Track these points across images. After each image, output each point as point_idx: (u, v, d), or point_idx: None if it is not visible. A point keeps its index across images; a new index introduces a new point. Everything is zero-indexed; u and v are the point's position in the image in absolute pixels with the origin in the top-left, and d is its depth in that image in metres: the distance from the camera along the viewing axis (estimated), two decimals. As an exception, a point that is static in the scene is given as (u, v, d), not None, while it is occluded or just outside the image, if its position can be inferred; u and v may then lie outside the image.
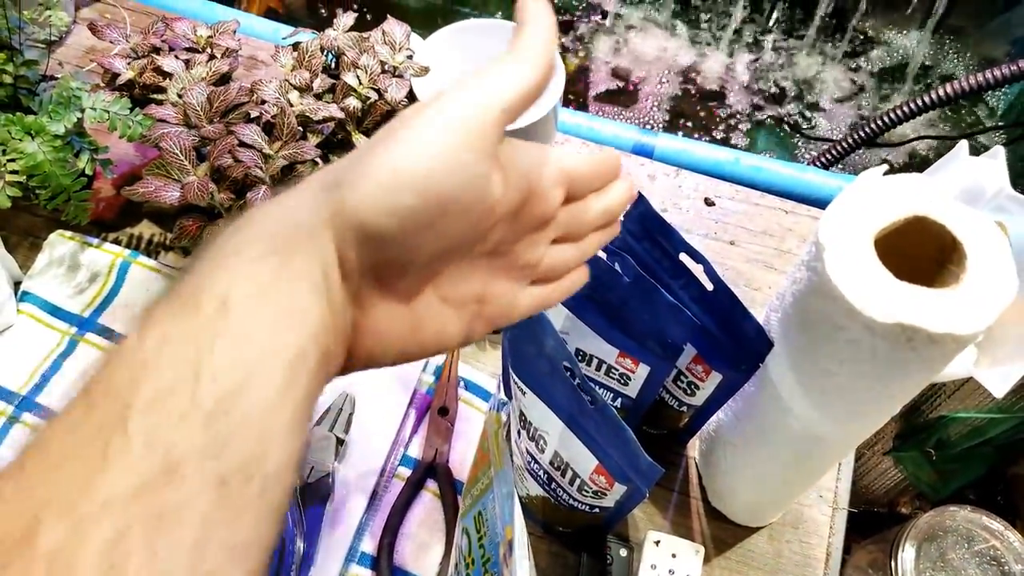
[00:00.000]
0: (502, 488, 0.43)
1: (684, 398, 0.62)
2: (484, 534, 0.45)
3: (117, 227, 0.82)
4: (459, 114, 0.28)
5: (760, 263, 0.81)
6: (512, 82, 0.29)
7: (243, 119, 0.68)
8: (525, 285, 0.35)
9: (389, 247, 0.28)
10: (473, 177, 0.28)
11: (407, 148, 0.27)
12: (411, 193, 0.27)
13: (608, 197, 0.36)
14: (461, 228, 0.29)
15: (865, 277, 0.42)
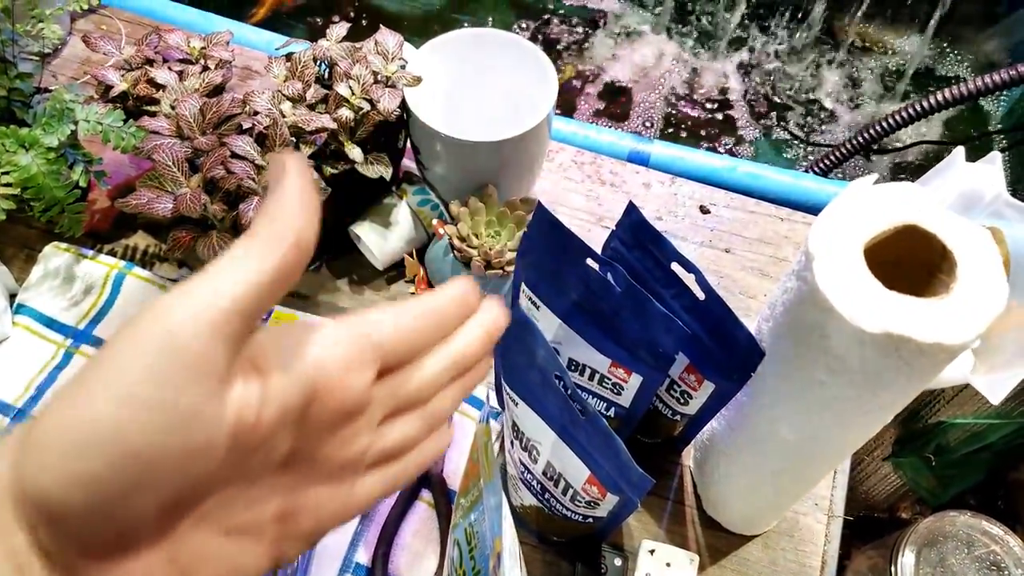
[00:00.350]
0: (491, 500, 0.43)
1: (677, 407, 0.62)
2: (475, 546, 0.45)
3: (112, 238, 0.82)
4: (153, 335, 0.22)
5: (756, 271, 0.81)
6: (237, 278, 0.23)
7: (236, 130, 0.68)
8: (356, 478, 0.29)
9: (90, 521, 0.22)
10: (184, 411, 0.22)
11: (89, 395, 0.22)
12: (96, 457, 0.21)
13: (453, 347, 0.30)
14: (195, 469, 0.23)
15: (854, 287, 0.42)
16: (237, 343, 0.24)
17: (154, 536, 0.24)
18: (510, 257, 0.70)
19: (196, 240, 0.66)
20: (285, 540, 0.28)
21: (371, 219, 0.76)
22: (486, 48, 0.76)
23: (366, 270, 0.80)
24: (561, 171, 0.88)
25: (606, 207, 0.85)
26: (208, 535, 0.26)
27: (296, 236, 0.25)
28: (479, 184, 0.73)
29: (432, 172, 0.76)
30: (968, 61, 1.90)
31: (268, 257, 0.24)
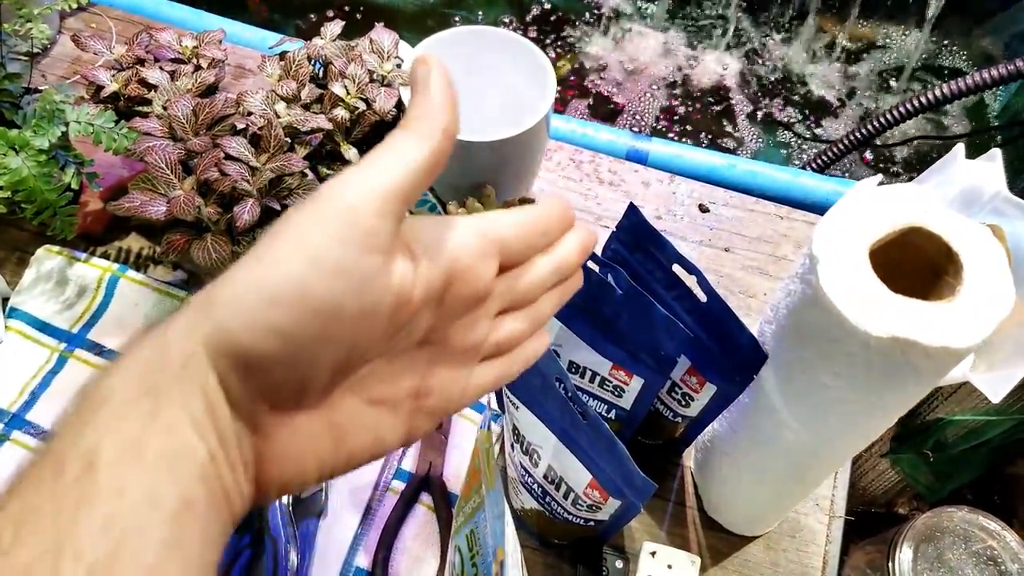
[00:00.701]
0: (493, 508, 0.42)
1: (679, 409, 0.62)
2: (476, 552, 0.44)
3: (105, 240, 0.81)
4: (334, 209, 0.25)
5: (755, 270, 0.81)
6: (399, 163, 0.26)
7: (229, 131, 0.67)
8: (473, 366, 0.32)
9: (275, 369, 0.25)
10: (361, 277, 0.25)
11: (277, 256, 0.24)
12: (286, 309, 0.24)
13: (557, 254, 0.33)
14: (364, 332, 0.26)
15: (860, 290, 0.42)
16: (399, 221, 0.26)
17: (321, 396, 0.27)
18: (508, 258, 0.69)
19: (190, 243, 0.66)
20: (417, 415, 0.31)
21: (367, 220, 0.75)
22: (483, 46, 0.75)
23: (363, 271, 0.79)
24: (559, 170, 0.87)
25: (604, 206, 0.85)
26: (358, 403, 0.28)
27: (445, 125, 0.28)
28: (477, 184, 0.72)
29: (429, 172, 0.75)
30: (964, 56, 1.90)
31: (424, 145, 0.27)
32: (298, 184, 0.67)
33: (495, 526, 0.41)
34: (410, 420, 0.30)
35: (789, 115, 1.80)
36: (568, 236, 0.33)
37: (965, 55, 1.90)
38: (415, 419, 0.31)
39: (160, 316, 0.75)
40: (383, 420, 0.29)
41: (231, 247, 0.65)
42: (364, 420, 0.29)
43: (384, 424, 0.29)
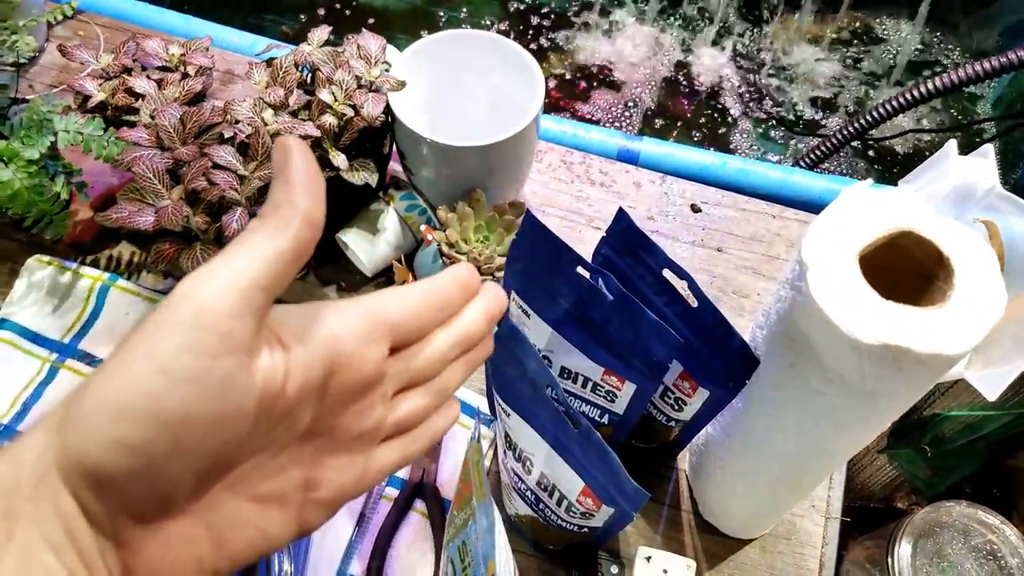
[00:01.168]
0: (483, 520, 0.42)
1: (672, 413, 0.61)
2: (468, 564, 0.44)
3: (95, 249, 0.80)
4: (185, 312, 0.24)
5: (748, 270, 0.80)
6: (256, 256, 0.25)
7: (217, 140, 0.67)
8: (372, 450, 0.31)
9: (130, 484, 0.24)
10: (217, 382, 0.24)
11: (127, 367, 0.23)
12: (135, 422, 0.23)
13: (459, 326, 0.32)
14: (227, 436, 0.25)
15: (850, 297, 0.41)
16: (261, 316, 0.25)
17: (191, 501, 0.26)
18: (500, 263, 0.69)
19: (179, 252, 0.65)
20: (308, 508, 0.30)
21: (358, 226, 0.75)
22: (470, 49, 0.75)
23: (354, 277, 0.79)
24: (550, 171, 0.87)
25: (596, 208, 0.84)
26: (239, 502, 0.27)
27: (307, 213, 0.26)
28: (467, 188, 0.72)
29: (419, 177, 0.75)
30: (956, 49, 1.89)
31: (282, 235, 0.26)
32: (287, 191, 0.67)
33: (486, 539, 0.41)
34: (300, 513, 0.29)
35: (781, 109, 1.80)
36: (472, 305, 0.32)
37: (956, 48, 1.90)
38: (306, 512, 0.29)
39: (151, 325, 0.75)
40: (269, 516, 0.28)
41: (221, 256, 0.65)
42: (247, 518, 0.28)
43: (271, 520, 0.28)
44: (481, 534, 0.41)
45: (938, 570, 1.27)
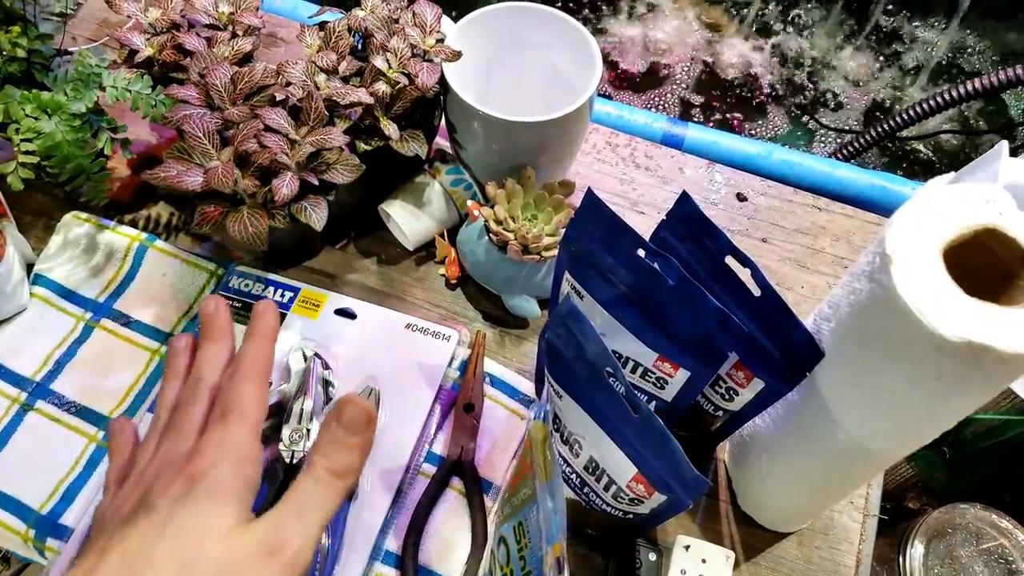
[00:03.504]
0: (548, 503, 0.41)
1: (721, 403, 0.61)
2: (525, 545, 0.43)
3: (132, 209, 0.79)
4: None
5: (793, 262, 0.79)
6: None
7: (268, 102, 0.66)
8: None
9: None
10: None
11: None
12: None
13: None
14: None
15: (934, 292, 0.40)
16: None
17: None
18: (548, 242, 0.68)
19: (225, 215, 0.64)
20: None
21: (402, 198, 0.74)
22: (525, 22, 0.73)
23: (395, 250, 0.78)
24: (595, 153, 0.85)
25: (640, 191, 0.83)
26: None
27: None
28: (516, 165, 0.71)
29: (467, 152, 0.73)
30: (991, 51, 1.87)
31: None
32: (336, 159, 0.66)
33: (553, 521, 0.40)
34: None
35: (812, 104, 1.78)
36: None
37: (990, 50, 1.87)
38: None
39: (189, 288, 0.74)
40: None
41: (267, 221, 0.64)
42: None
43: None
44: (547, 516, 0.40)
45: (949, 571, 1.27)
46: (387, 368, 0.68)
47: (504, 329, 0.74)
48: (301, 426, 0.64)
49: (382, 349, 0.70)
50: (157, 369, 0.70)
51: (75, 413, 0.67)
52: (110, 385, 0.68)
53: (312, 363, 0.67)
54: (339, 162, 0.66)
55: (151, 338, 0.71)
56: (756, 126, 1.73)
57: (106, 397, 0.68)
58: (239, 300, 0.72)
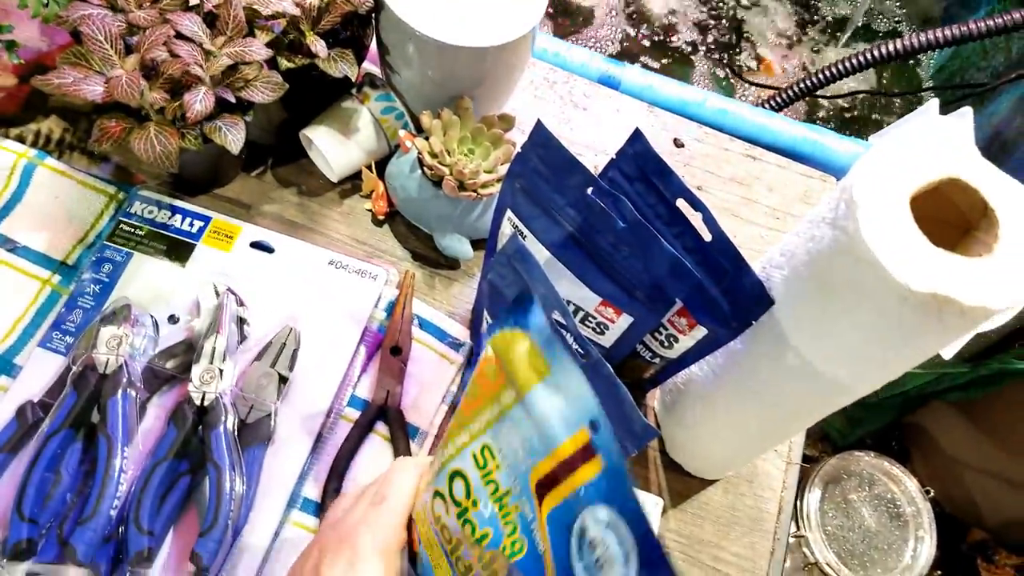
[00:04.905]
0: (537, 407, 0.36)
1: (659, 350, 0.59)
2: (498, 466, 0.39)
3: (19, 122, 0.71)
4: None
5: (727, 212, 0.78)
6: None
7: (181, 6, 0.59)
8: None
9: None
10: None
11: None
12: None
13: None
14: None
15: (900, 241, 0.39)
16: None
17: None
18: (485, 179, 0.64)
19: (129, 132, 0.58)
20: None
21: (327, 124, 0.68)
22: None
23: (317, 180, 0.72)
24: (532, 88, 0.81)
25: (577, 132, 0.80)
26: None
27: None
28: (453, 96, 0.66)
29: (400, 77, 0.68)
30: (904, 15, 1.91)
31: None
32: (255, 75, 0.60)
33: (548, 427, 0.36)
34: None
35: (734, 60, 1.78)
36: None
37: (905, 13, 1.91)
38: None
39: (85, 212, 0.67)
40: None
41: (177, 140, 0.58)
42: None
43: None
44: (536, 422, 0.36)
45: (842, 515, 1.33)
46: (308, 307, 0.64)
47: (434, 270, 0.70)
48: (213, 366, 0.59)
49: (302, 286, 0.65)
50: (48, 301, 0.63)
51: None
52: (-7, 317, 0.62)
53: (225, 299, 0.62)
54: (259, 79, 0.60)
55: (41, 266, 0.64)
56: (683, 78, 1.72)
57: (-12, 330, 0.61)
58: (142, 227, 0.66)
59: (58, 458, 0.56)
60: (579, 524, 0.32)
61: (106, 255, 0.64)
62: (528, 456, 0.35)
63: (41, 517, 0.54)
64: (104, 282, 0.63)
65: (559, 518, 0.33)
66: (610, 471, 0.31)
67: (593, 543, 0.31)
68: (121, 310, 0.61)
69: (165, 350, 0.61)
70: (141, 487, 0.55)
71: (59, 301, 0.63)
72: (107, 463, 0.55)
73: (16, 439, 0.57)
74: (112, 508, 0.54)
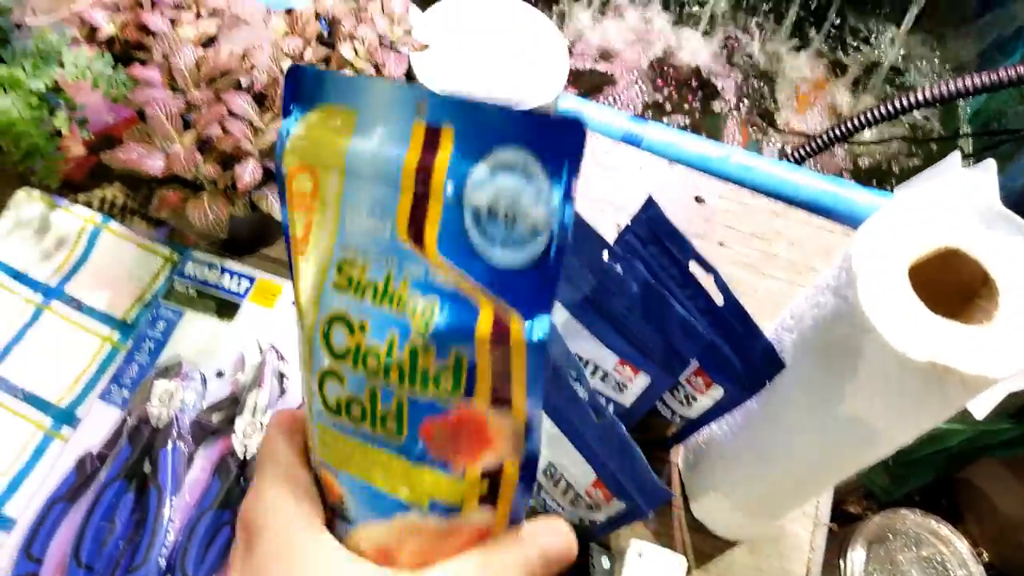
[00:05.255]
0: (368, 144, 0.28)
1: (679, 409, 0.61)
2: (363, 266, 0.29)
3: (86, 188, 0.77)
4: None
5: (749, 267, 0.80)
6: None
7: (233, 87, 0.64)
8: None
9: None
10: None
11: None
12: None
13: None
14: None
15: (899, 310, 0.41)
16: None
17: None
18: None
19: (185, 201, 0.63)
20: None
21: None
22: (493, 14, 0.73)
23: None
24: (562, 152, 0.85)
25: (600, 190, 0.83)
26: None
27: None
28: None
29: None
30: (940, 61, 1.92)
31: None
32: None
33: (382, 163, 0.28)
34: None
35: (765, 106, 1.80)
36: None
37: (939, 59, 1.92)
38: None
39: (143, 273, 0.72)
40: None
41: (228, 208, 0.63)
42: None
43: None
44: (373, 168, 0.28)
45: (889, 576, 1.30)
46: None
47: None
48: (255, 419, 0.63)
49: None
50: (108, 356, 0.68)
51: (23, 399, 0.65)
52: (59, 372, 0.66)
53: (267, 355, 0.66)
54: (304, 151, 0.64)
55: (103, 323, 0.69)
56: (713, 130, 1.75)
57: (55, 384, 0.66)
58: (193, 287, 0.71)
59: (113, 507, 0.60)
60: (468, 213, 0.26)
61: (161, 313, 0.69)
62: (384, 217, 0.28)
63: (97, 564, 0.58)
64: (158, 339, 0.68)
65: (449, 231, 0.27)
66: (463, 128, 0.26)
67: (492, 209, 0.26)
68: (173, 366, 0.65)
69: (212, 404, 0.65)
70: (187, 536, 0.59)
71: (118, 356, 0.68)
72: (157, 513, 0.59)
73: (75, 489, 0.61)
74: (160, 556, 0.58)
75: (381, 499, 0.30)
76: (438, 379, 0.28)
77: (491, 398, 0.28)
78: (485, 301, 0.27)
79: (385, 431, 0.29)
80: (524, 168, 0.25)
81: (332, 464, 0.31)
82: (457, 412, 0.28)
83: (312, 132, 0.29)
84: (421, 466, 0.29)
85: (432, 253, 0.27)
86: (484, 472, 0.29)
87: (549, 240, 0.25)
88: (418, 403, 0.28)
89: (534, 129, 0.24)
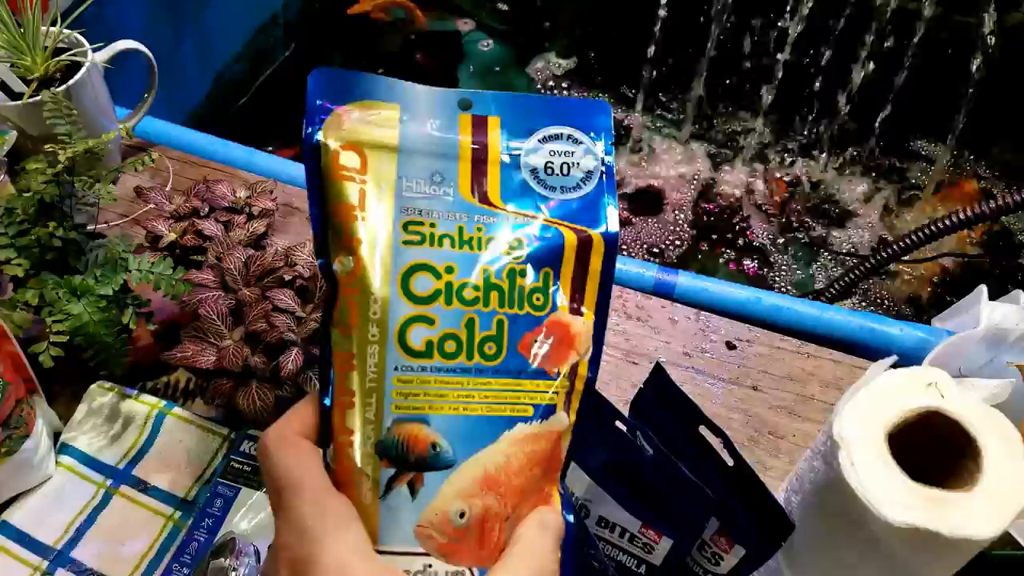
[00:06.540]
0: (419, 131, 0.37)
1: (709, 567, 0.62)
2: (433, 224, 0.36)
3: (154, 373, 0.84)
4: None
5: (783, 410, 0.82)
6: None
7: (277, 283, 0.71)
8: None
9: None
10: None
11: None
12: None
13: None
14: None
15: (880, 477, 0.43)
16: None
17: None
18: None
19: (236, 389, 0.69)
20: None
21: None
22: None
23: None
24: (588, 308, 0.90)
25: (633, 342, 0.87)
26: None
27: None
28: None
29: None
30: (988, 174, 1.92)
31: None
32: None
33: (441, 145, 0.38)
34: None
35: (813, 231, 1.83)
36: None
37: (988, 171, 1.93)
38: None
39: (203, 453, 0.78)
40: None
41: (274, 393, 0.68)
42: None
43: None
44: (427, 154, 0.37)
45: None
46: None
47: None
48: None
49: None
50: (170, 535, 0.73)
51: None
52: (126, 552, 0.72)
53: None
54: (342, 335, 0.71)
55: (167, 504, 0.74)
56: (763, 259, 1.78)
57: (122, 564, 0.71)
58: (249, 464, 0.76)
59: None
60: (526, 172, 0.37)
61: (219, 491, 0.74)
62: (444, 184, 0.36)
63: None
64: (216, 516, 0.73)
65: (511, 187, 0.37)
66: (508, 117, 0.36)
67: (548, 166, 0.36)
68: (228, 543, 0.69)
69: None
70: None
71: (179, 535, 0.73)
72: None
73: (138, 667, 0.65)
74: None
75: (484, 425, 0.35)
76: (531, 296, 0.36)
77: (569, 308, 0.37)
78: (560, 223, 0.36)
79: (483, 356, 0.35)
80: (570, 136, 0.35)
81: (420, 412, 0.35)
82: (548, 323, 0.36)
83: (354, 119, 0.36)
84: (520, 379, 0.36)
85: (500, 204, 0.36)
86: (569, 371, 0.37)
87: (600, 177, 0.36)
88: (517, 320, 0.36)
89: (571, 110, 0.36)
